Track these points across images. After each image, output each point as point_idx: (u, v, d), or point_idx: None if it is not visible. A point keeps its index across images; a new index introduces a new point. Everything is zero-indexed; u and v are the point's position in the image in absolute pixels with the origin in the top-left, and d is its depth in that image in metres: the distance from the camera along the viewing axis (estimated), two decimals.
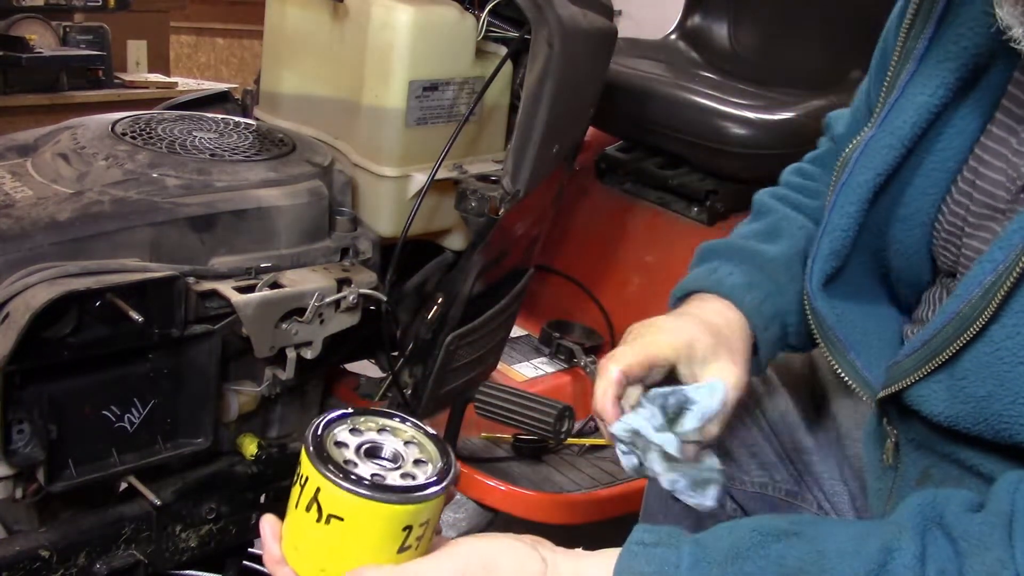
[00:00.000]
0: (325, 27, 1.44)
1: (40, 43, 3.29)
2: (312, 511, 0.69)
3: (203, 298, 1.16)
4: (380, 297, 1.29)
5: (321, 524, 0.68)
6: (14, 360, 1.00)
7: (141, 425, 1.16)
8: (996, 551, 0.67)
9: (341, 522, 0.68)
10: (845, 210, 0.92)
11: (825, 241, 0.93)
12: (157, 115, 1.42)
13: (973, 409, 0.80)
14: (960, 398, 0.81)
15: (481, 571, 0.71)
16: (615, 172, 2.21)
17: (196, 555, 1.30)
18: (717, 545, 0.73)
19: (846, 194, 0.92)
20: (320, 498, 0.68)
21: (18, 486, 1.09)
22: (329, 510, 0.68)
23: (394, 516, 0.68)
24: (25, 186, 1.21)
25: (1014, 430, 0.77)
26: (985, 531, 0.69)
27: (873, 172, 0.91)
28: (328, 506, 0.68)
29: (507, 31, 1.45)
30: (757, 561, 0.71)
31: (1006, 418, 0.78)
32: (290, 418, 1.42)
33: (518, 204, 1.38)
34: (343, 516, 0.68)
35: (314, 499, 0.68)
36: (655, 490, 1.21)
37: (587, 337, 1.97)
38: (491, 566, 0.71)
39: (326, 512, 0.68)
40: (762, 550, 0.71)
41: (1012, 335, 0.76)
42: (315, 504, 0.68)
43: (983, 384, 0.79)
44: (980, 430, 0.80)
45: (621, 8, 1.52)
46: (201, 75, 5.27)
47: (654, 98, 2.00)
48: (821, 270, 0.93)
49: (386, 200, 1.41)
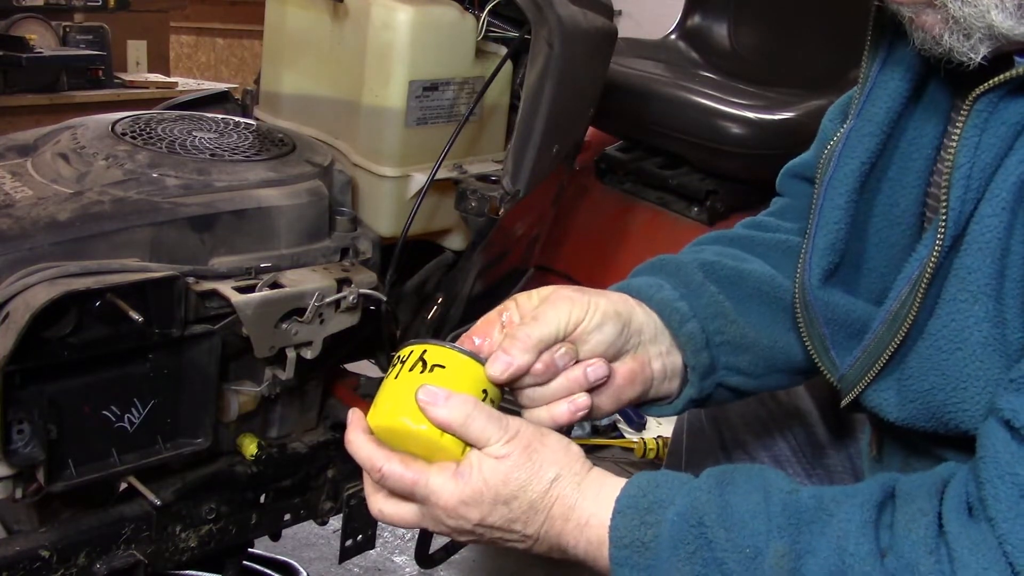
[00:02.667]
0: (325, 27, 1.44)
1: (40, 43, 3.29)
2: (415, 370, 0.84)
3: (203, 298, 1.16)
4: (380, 297, 1.29)
5: (425, 374, 0.83)
6: (14, 360, 1.00)
7: (141, 425, 1.16)
8: (921, 502, 0.73)
9: (443, 369, 0.83)
10: (835, 203, 0.92)
11: (820, 236, 0.93)
12: (157, 115, 1.42)
13: (921, 406, 0.83)
14: (908, 396, 0.84)
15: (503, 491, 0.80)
16: (615, 172, 2.21)
17: (196, 555, 1.30)
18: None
19: (834, 187, 0.93)
20: (426, 357, 0.84)
21: (18, 486, 1.09)
22: (434, 361, 0.83)
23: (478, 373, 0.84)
24: (25, 186, 1.21)
25: (960, 419, 0.80)
26: (922, 488, 0.75)
27: (857, 161, 0.92)
28: (433, 359, 0.83)
29: (507, 31, 1.45)
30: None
31: (950, 407, 0.81)
32: (290, 418, 1.42)
33: (518, 204, 1.38)
34: (445, 364, 0.83)
35: (420, 359, 0.84)
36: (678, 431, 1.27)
37: None
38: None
39: (431, 363, 0.83)
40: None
41: (947, 323, 0.79)
42: (420, 363, 0.84)
43: (925, 378, 0.82)
44: (933, 426, 0.83)
45: (621, 8, 1.52)
46: (201, 75, 5.27)
47: (654, 98, 2.00)
48: (819, 265, 0.93)
49: (386, 200, 1.41)
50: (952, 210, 0.78)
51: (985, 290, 0.77)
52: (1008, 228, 0.76)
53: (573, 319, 0.87)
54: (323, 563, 2.11)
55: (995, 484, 0.70)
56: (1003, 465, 0.69)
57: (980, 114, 0.77)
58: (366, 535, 1.50)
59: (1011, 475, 0.69)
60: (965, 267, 0.78)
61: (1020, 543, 0.67)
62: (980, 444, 0.73)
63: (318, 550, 2.15)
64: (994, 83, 0.76)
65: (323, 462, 1.43)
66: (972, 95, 0.77)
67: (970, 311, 0.78)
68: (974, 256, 0.77)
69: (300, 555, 2.09)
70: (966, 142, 0.78)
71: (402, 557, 2.18)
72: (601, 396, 0.91)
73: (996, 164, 0.77)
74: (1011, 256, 0.76)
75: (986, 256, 0.77)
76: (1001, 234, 0.76)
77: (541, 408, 0.88)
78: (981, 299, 0.77)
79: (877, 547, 0.72)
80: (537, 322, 0.86)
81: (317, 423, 1.48)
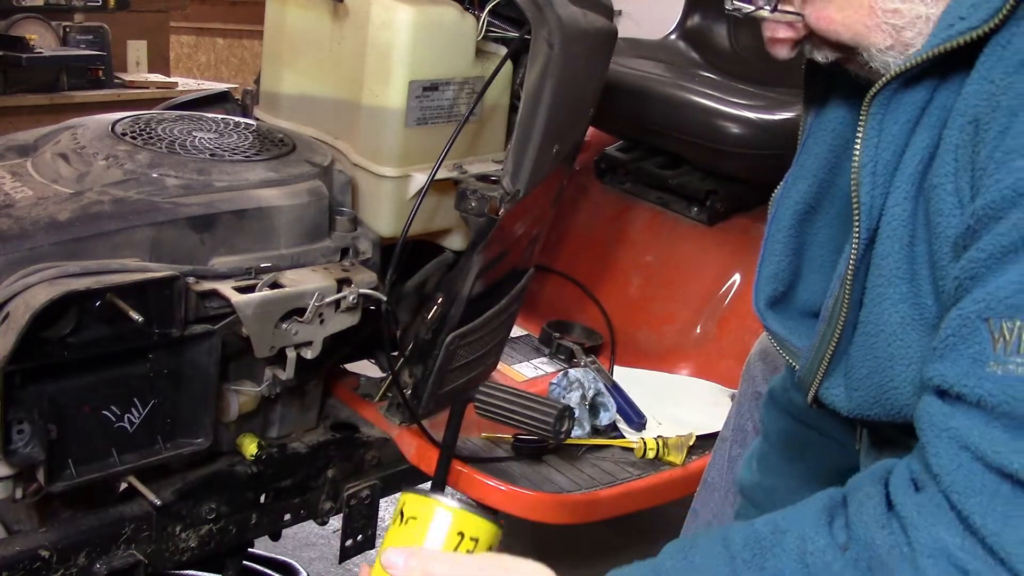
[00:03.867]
0: (325, 27, 1.44)
1: (40, 43, 3.29)
2: (395, 523, 0.87)
3: (203, 298, 1.16)
4: (380, 297, 1.29)
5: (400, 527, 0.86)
6: (14, 360, 1.00)
7: (141, 425, 1.16)
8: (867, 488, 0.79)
9: (415, 520, 0.86)
10: (775, 238, 1.06)
11: (764, 267, 1.07)
12: (157, 115, 1.42)
13: (864, 395, 0.91)
14: (853, 386, 0.93)
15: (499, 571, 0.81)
16: (615, 172, 2.21)
17: (196, 555, 1.30)
18: None
19: (775, 223, 1.06)
20: (404, 509, 0.87)
21: (18, 486, 1.09)
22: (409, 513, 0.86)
23: (450, 518, 0.85)
24: (25, 186, 1.21)
25: (896, 400, 0.88)
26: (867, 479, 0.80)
27: (792, 202, 1.05)
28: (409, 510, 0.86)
29: (507, 31, 1.45)
30: None
31: (887, 391, 0.89)
32: (290, 418, 1.42)
33: (518, 204, 1.38)
34: (416, 516, 0.86)
35: (399, 512, 0.87)
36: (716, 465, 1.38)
37: (587, 337, 1.97)
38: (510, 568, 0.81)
39: (406, 516, 0.86)
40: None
41: (871, 310, 0.88)
42: (399, 516, 0.87)
43: (863, 364, 0.90)
44: (878, 413, 0.91)
45: (621, 8, 1.52)
46: (201, 75, 5.27)
47: (654, 98, 1.99)
48: (764, 292, 1.07)
49: (386, 200, 1.41)
50: (863, 205, 0.87)
51: (898, 273, 0.85)
52: (912, 214, 0.84)
53: None
54: (323, 563, 2.11)
55: (934, 444, 0.74)
56: (938, 424, 0.74)
57: (875, 116, 0.85)
58: (366, 535, 1.50)
59: (946, 430, 0.73)
60: (880, 255, 0.86)
61: (965, 490, 0.70)
62: (917, 416, 0.77)
63: (318, 550, 2.15)
64: (880, 85, 0.84)
65: (323, 462, 1.43)
66: (867, 97, 0.86)
67: (887, 294, 0.86)
68: (886, 244, 0.86)
69: (300, 555, 2.09)
70: (868, 141, 0.86)
71: None
72: None
73: (897, 158, 0.85)
74: (917, 240, 0.84)
75: (895, 242, 0.85)
76: (906, 221, 0.84)
77: None
78: (895, 282, 0.85)
79: (835, 542, 0.76)
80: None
81: (317, 423, 1.48)
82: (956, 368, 0.73)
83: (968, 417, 0.72)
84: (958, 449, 0.72)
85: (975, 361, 0.71)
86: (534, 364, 1.89)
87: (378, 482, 1.49)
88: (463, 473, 1.44)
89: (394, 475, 1.52)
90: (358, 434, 1.50)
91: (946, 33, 0.79)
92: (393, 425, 1.50)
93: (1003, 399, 0.69)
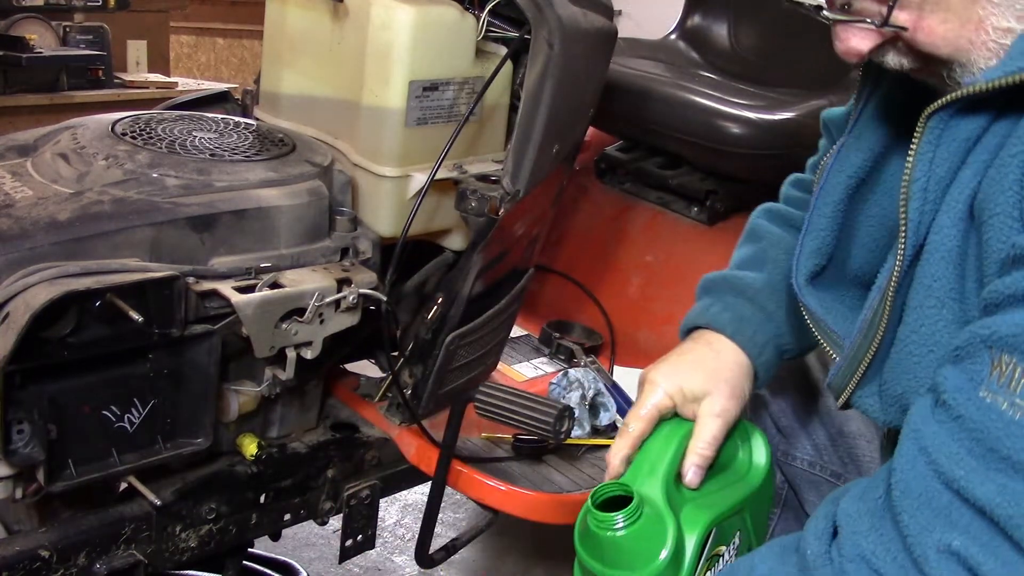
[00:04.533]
0: (325, 27, 1.44)
1: (40, 43, 3.29)
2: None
3: (203, 298, 1.16)
4: (380, 297, 1.29)
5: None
6: (14, 360, 1.00)
7: (141, 425, 1.16)
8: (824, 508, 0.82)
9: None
10: (822, 211, 1.01)
11: (807, 240, 1.02)
12: (157, 115, 1.42)
13: (898, 410, 0.90)
14: (887, 401, 0.92)
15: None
16: (615, 172, 2.21)
17: (196, 555, 1.30)
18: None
19: (823, 197, 1.01)
20: None
21: (18, 486, 1.09)
22: None
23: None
24: (25, 186, 1.21)
25: None
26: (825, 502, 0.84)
27: (844, 175, 1.00)
28: None
29: (507, 31, 1.45)
30: None
31: None
32: (290, 418, 1.42)
33: (518, 204, 1.38)
34: None
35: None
36: None
37: (587, 337, 1.97)
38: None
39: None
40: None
41: (916, 329, 0.86)
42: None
43: (899, 382, 0.89)
44: None
45: (621, 8, 1.52)
46: (201, 75, 5.28)
47: (654, 98, 1.99)
48: (805, 267, 1.02)
49: (386, 200, 1.41)
50: (911, 221, 0.84)
51: (951, 294, 0.83)
52: (965, 236, 0.81)
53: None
54: (323, 563, 2.11)
55: (904, 440, 0.76)
56: (915, 423, 0.76)
57: (934, 131, 0.82)
58: (366, 535, 1.50)
59: (916, 431, 0.75)
60: (929, 275, 0.84)
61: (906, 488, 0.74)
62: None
63: (318, 550, 2.15)
64: (944, 102, 0.80)
65: (323, 462, 1.43)
66: (925, 113, 0.82)
67: (939, 315, 0.84)
68: (936, 264, 0.83)
69: (300, 555, 2.09)
70: (922, 157, 0.82)
71: (402, 557, 2.18)
72: None
73: (951, 177, 0.82)
74: (968, 261, 0.81)
75: (948, 264, 0.82)
76: (959, 242, 0.81)
77: None
78: (948, 303, 0.83)
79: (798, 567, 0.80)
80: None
81: (317, 423, 1.48)
82: (955, 380, 0.74)
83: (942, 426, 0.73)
84: (918, 451, 0.74)
85: (971, 381, 0.72)
86: (534, 364, 1.89)
87: (378, 482, 1.49)
88: (463, 473, 1.44)
89: (394, 475, 1.52)
90: (358, 434, 1.50)
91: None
92: (393, 425, 1.50)
93: (980, 426, 0.71)
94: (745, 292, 1.15)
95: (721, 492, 1.05)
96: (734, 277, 1.18)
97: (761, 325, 1.13)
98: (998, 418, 0.69)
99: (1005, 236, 0.75)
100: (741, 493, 1.06)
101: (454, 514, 2.36)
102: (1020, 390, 0.68)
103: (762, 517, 1.11)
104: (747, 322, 1.13)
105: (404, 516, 2.36)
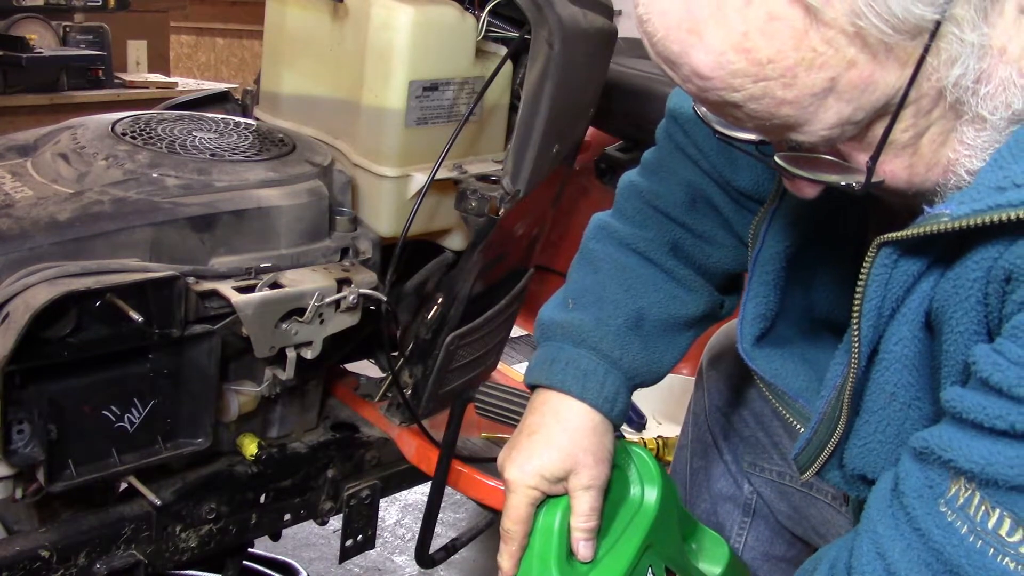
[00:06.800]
0: (325, 27, 1.44)
1: (40, 43, 3.29)
2: None
3: (203, 298, 1.16)
4: (380, 297, 1.29)
5: None
6: (14, 360, 1.00)
7: (141, 425, 1.16)
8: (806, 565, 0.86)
9: None
10: (763, 279, 1.00)
11: (749, 307, 1.01)
12: (157, 115, 1.42)
13: (864, 485, 0.91)
14: (850, 479, 0.92)
15: None
16: (615, 172, 2.20)
17: (196, 555, 1.30)
18: None
19: (761, 264, 1.00)
20: None
21: (18, 486, 1.09)
22: None
23: None
24: (25, 186, 1.21)
25: None
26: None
27: (783, 245, 0.98)
28: None
29: (507, 31, 1.45)
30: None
31: None
32: (290, 418, 1.42)
33: (518, 204, 1.38)
34: None
35: None
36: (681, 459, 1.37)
37: None
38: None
39: None
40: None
41: (881, 429, 0.86)
42: None
43: (862, 467, 0.89)
44: None
45: (621, 8, 1.52)
46: (201, 75, 5.28)
47: (654, 98, 1.99)
48: (750, 332, 1.01)
49: (386, 200, 1.41)
50: (864, 337, 0.82)
51: (916, 395, 0.82)
52: (925, 343, 0.80)
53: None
54: (323, 563, 2.11)
55: (862, 538, 0.76)
56: (870, 517, 0.76)
57: (890, 255, 0.77)
58: (366, 535, 1.50)
59: (872, 532, 0.75)
60: (892, 383, 0.83)
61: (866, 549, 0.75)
62: None
63: (318, 550, 2.15)
64: (903, 235, 0.75)
65: (323, 462, 1.43)
66: (876, 242, 0.77)
67: (906, 415, 0.84)
68: (899, 373, 0.82)
69: (300, 555, 2.09)
70: (876, 279, 0.79)
71: (402, 557, 2.18)
72: None
73: (907, 293, 0.79)
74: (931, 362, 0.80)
75: (911, 371, 0.81)
76: (921, 348, 0.80)
77: None
78: (914, 404, 0.83)
79: None
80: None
81: (317, 423, 1.48)
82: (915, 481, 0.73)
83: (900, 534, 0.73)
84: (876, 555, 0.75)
85: (931, 489, 0.72)
86: None
87: (378, 482, 1.49)
88: (463, 473, 1.44)
89: (394, 475, 1.52)
90: (358, 434, 1.50)
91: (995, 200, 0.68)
92: (393, 425, 1.50)
93: (941, 548, 0.70)
94: (586, 341, 1.08)
95: (619, 544, 1.03)
96: (570, 324, 1.09)
97: (608, 374, 1.06)
98: (959, 543, 0.69)
99: (964, 349, 0.73)
100: (640, 532, 1.04)
101: (454, 514, 2.36)
102: (981, 518, 0.68)
103: (671, 536, 1.08)
104: (592, 376, 1.06)
105: (404, 516, 2.36)
